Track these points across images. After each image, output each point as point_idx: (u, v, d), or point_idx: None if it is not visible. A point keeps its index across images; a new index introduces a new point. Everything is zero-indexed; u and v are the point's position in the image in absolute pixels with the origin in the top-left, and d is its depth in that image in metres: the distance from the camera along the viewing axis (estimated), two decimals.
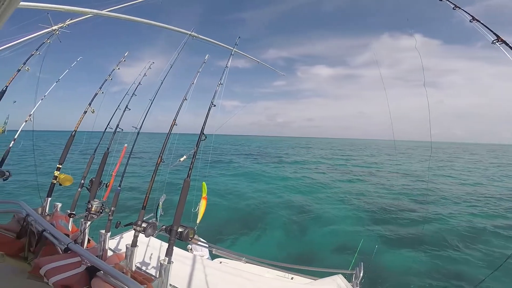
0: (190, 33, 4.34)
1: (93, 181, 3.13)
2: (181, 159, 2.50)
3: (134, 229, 2.20)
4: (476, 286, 3.55)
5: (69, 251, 1.90)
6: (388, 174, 24.01)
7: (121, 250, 3.38)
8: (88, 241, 2.72)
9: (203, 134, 2.58)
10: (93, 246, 2.72)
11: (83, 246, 2.53)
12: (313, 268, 3.67)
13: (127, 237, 3.83)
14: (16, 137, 3.74)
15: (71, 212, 2.99)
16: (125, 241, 3.68)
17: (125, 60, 4.47)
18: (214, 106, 2.85)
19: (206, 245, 4.12)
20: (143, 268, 3.08)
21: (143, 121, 3.40)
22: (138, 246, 2.25)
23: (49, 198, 3.29)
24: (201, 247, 4.16)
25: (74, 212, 2.98)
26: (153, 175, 2.51)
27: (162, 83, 3.62)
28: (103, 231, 2.45)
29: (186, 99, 3.07)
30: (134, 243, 2.23)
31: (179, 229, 2.07)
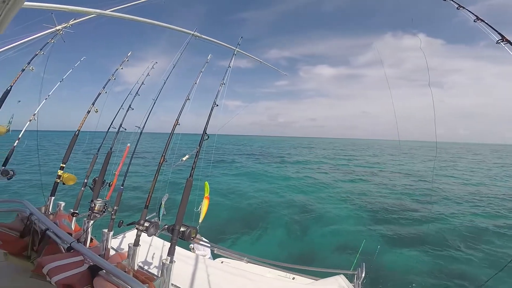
0: (193, 33, 4.35)
1: (96, 180, 3.14)
2: (184, 159, 2.50)
3: (137, 228, 2.20)
4: (480, 286, 3.53)
5: (72, 250, 1.91)
6: (391, 174, 23.89)
7: (124, 249, 3.39)
8: (91, 240, 2.73)
9: (206, 134, 2.57)
10: (96, 245, 2.73)
11: (86, 245, 2.54)
12: (315, 268, 3.66)
13: (130, 236, 3.83)
14: (20, 137, 3.76)
15: (74, 211, 3.00)
16: (128, 240, 3.69)
17: (128, 60, 4.48)
18: (217, 106, 2.85)
19: (208, 244, 4.13)
20: (145, 267, 3.08)
21: (146, 120, 3.41)
22: (140, 245, 2.25)
23: (53, 197, 3.31)
24: (203, 246, 4.16)
25: (77, 211, 3.00)
26: (155, 175, 2.51)
27: (165, 82, 3.63)
28: (105, 230, 2.46)
29: (188, 99, 3.07)
30: (136, 242, 2.23)
31: (181, 229, 2.07)
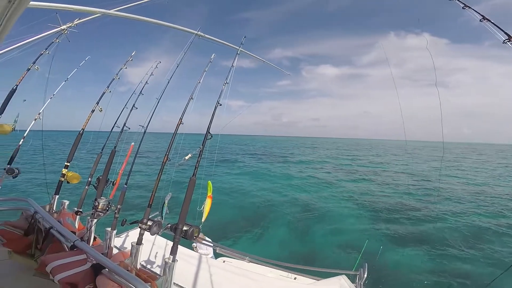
0: (196, 32, 4.35)
1: (100, 179, 3.15)
2: (186, 157, 2.50)
3: (140, 227, 2.20)
4: (487, 285, 3.50)
5: (75, 249, 1.92)
6: (394, 174, 23.75)
7: (127, 248, 3.40)
8: (94, 239, 2.74)
9: (209, 133, 2.57)
10: (99, 243, 2.74)
11: (89, 244, 2.55)
12: (317, 269, 3.64)
13: (133, 235, 3.84)
14: (25, 135, 3.79)
15: (78, 209, 3.02)
16: (131, 239, 3.70)
17: (132, 60, 4.49)
18: (220, 105, 2.84)
19: (210, 244, 4.13)
20: (148, 266, 3.08)
21: (150, 119, 3.42)
22: (143, 244, 2.25)
23: (57, 196, 3.34)
24: (206, 245, 4.17)
25: (81, 210, 3.01)
26: (159, 174, 2.52)
27: (169, 82, 3.64)
28: (109, 229, 2.47)
29: (192, 98, 3.07)
30: (139, 241, 2.23)
31: (184, 228, 2.07)
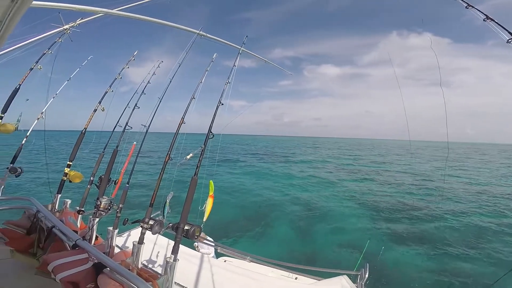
0: (198, 32, 4.35)
1: (102, 178, 3.15)
2: (188, 157, 2.51)
3: (141, 227, 2.20)
4: (492, 285, 3.49)
5: (77, 248, 1.93)
6: (396, 174, 23.69)
7: (128, 247, 3.41)
8: (96, 238, 2.74)
9: (211, 132, 2.57)
10: (101, 243, 2.75)
11: (91, 243, 2.55)
12: (318, 269, 3.63)
13: (134, 234, 3.85)
14: (28, 135, 3.80)
15: (80, 208, 3.02)
16: (132, 238, 3.71)
17: (134, 59, 4.49)
18: (222, 105, 2.84)
19: (212, 243, 4.14)
20: (149, 265, 3.09)
21: (152, 119, 3.42)
22: (144, 243, 2.25)
23: (59, 195, 3.34)
24: (207, 245, 4.17)
25: (83, 209, 3.02)
26: (161, 173, 2.52)
27: (171, 81, 3.64)
28: (110, 228, 2.47)
29: (194, 98, 3.07)
30: (141, 240, 2.23)
31: (186, 227, 2.07)
